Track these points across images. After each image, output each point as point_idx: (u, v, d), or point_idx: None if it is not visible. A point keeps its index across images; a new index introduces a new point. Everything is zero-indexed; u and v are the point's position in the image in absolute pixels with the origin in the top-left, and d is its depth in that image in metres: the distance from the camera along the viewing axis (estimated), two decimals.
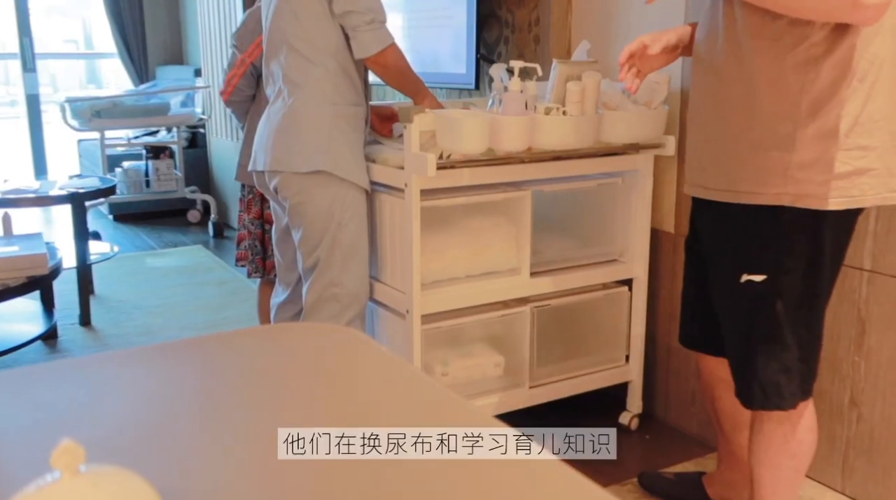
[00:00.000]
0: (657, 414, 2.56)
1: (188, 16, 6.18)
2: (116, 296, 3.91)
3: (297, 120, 2.06)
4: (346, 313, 2.13)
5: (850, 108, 1.43)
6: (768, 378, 1.59)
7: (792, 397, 1.60)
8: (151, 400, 0.80)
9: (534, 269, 2.24)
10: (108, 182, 3.92)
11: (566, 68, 2.04)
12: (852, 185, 1.46)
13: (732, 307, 1.63)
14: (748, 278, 1.56)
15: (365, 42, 2.00)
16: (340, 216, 2.08)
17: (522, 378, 2.28)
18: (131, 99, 5.39)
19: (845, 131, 1.43)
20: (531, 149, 2.04)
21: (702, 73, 1.60)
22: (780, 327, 1.56)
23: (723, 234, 1.62)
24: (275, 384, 0.84)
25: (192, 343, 0.97)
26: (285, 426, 0.72)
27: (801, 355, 1.59)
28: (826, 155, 1.45)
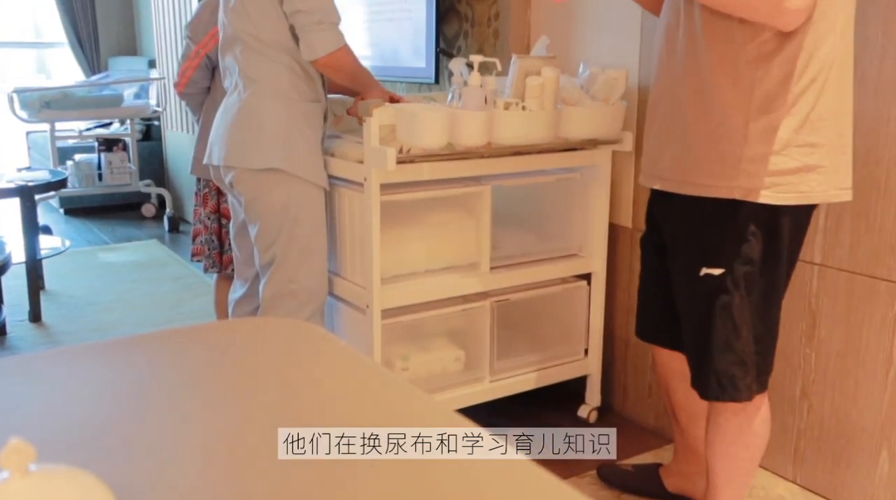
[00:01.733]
0: (615, 407, 2.59)
1: (142, 5, 6.06)
2: (68, 292, 3.83)
3: (253, 115, 2.04)
4: (303, 310, 2.11)
5: (801, 105, 1.47)
6: (724, 370, 1.62)
7: (747, 390, 1.63)
8: (105, 398, 0.78)
9: (493, 263, 2.25)
10: (58, 175, 3.84)
11: (525, 63, 2.05)
12: (801, 181, 1.49)
13: (691, 300, 1.66)
14: (707, 271, 1.59)
15: (311, 43, 1.96)
16: (296, 213, 2.06)
17: (483, 372, 2.29)
18: (83, 90, 5.27)
19: (795, 128, 1.47)
20: (490, 144, 2.05)
21: (662, 65, 1.63)
22: (737, 320, 1.59)
23: (682, 227, 1.64)
24: (232, 380, 0.83)
25: (146, 339, 0.96)
26: (244, 422, 0.71)
27: (757, 348, 1.63)
28: (776, 150, 1.48)
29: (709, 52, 1.51)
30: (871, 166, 1.85)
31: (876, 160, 1.84)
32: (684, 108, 1.57)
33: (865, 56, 1.82)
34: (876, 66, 1.82)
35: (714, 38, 1.50)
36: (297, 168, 2.03)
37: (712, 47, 1.50)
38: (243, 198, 2.11)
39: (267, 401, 0.78)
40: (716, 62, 1.50)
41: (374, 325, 2.07)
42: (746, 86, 1.48)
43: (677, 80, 1.58)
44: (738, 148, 1.50)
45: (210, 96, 2.57)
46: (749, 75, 1.47)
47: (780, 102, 1.47)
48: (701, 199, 1.57)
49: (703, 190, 1.56)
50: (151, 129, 5.80)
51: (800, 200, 1.51)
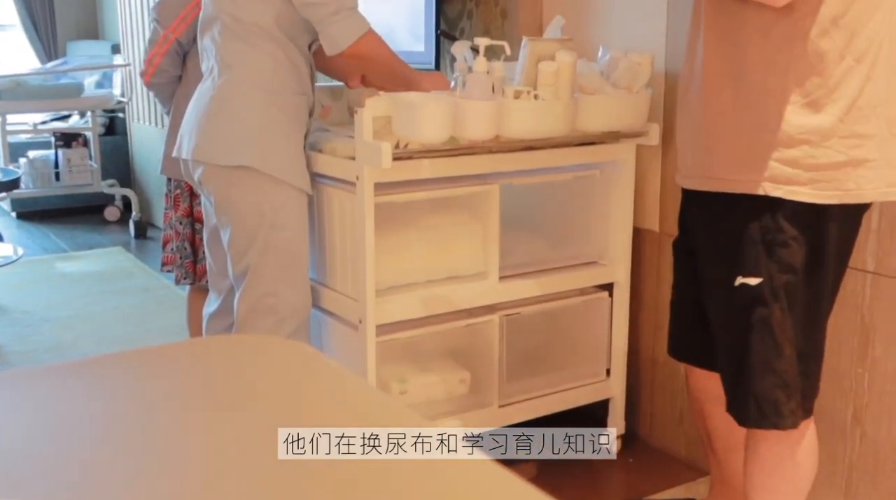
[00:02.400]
0: (641, 435, 2.58)
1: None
2: (21, 306, 3.84)
3: (226, 105, 2.04)
4: (284, 327, 2.11)
5: (845, 90, 1.46)
6: (765, 394, 1.62)
7: (791, 416, 1.63)
8: (63, 426, 0.78)
9: (503, 273, 2.25)
10: (10, 174, 3.85)
11: (538, 47, 2.06)
12: (847, 177, 1.49)
13: (725, 313, 1.66)
14: (743, 281, 1.58)
15: (332, 36, 1.96)
16: (273, 218, 2.06)
17: (490, 396, 2.29)
18: (37, 78, 5.30)
19: (840, 116, 1.47)
20: (499, 137, 2.05)
21: (689, 47, 1.64)
22: (778, 336, 1.59)
23: (715, 232, 1.65)
24: (205, 407, 0.83)
25: (108, 360, 0.96)
26: (219, 455, 0.72)
27: (801, 368, 1.62)
28: (816, 142, 1.48)
29: (738, 33, 1.52)
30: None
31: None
32: (712, 94, 1.58)
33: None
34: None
35: (743, 17, 1.51)
36: (272, 167, 2.03)
37: (741, 28, 1.51)
38: (213, 197, 2.11)
39: (246, 429, 0.78)
40: (747, 44, 1.51)
41: (367, 342, 2.07)
42: (780, 68, 1.48)
43: (704, 63, 1.59)
44: (772, 137, 1.50)
45: (182, 86, 2.57)
46: (784, 56, 1.47)
47: (819, 86, 1.47)
48: (733, 198, 1.57)
49: (731, 186, 1.56)
50: (115, 122, 5.82)
51: (846, 198, 1.51)
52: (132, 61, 5.30)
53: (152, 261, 4.49)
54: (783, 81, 1.48)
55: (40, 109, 5.22)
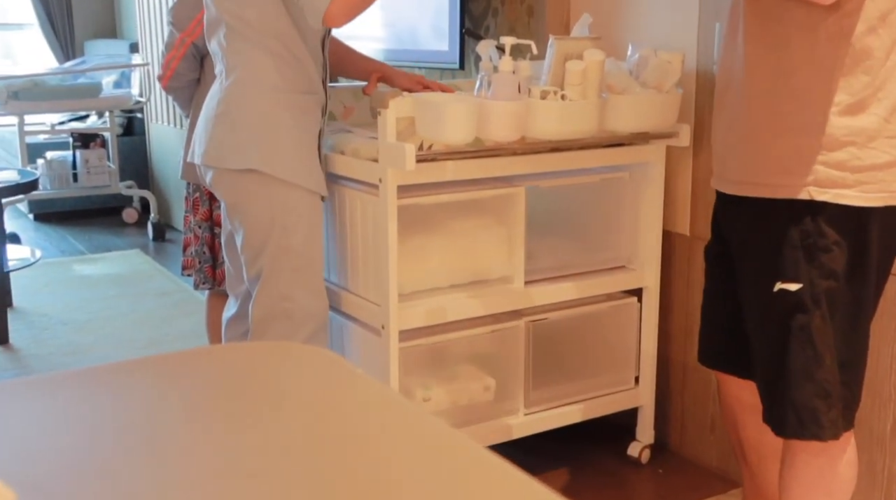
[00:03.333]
0: (671, 445, 2.57)
1: None
2: (39, 309, 3.88)
3: (231, 108, 2.05)
4: (300, 332, 2.12)
5: (891, 87, 1.46)
6: (804, 403, 1.60)
7: (832, 426, 1.61)
8: (87, 434, 0.79)
9: (528, 277, 2.25)
10: (28, 175, 3.89)
11: (565, 46, 2.05)
12: (895, 177, 1.48)
13: (763, 320, 1.64)
14: (782, 286, 1.57)
15: (311, 8, 1.91)
16: (284, 220, 2.06)
17: (516, 404, 2.28)
18: (55, 78, 5.35)
19: (886, 115, 1.46)
20: (525, 138, 2.05)
21: (726, 46, 1.63)
22: (819, 344, 1.58)
23: (753, 235, 1.64)
24: (225, 415, 0.84)
25: (126, 367, 0.97)
26: (239, 464, 0.72)
27: (843, 377, 1.61)
28: (862, 143, 1.48)
29: (780, 33, 1.51)
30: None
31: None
32: (753, 96, 1.57)
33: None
34: None
35: (787, 16, 1.50)
36: (280, 170, 2.04)
37: (789, 27, 1.50)
38: (223, 201, 2.13)
39: (268, 438, 0.78)
40: (789, 42, 1.50)
41: (390, 348, 2.08)
42: (826, 68, 1.47)
43: (744, 64, 1.58)
44: (817, 140, 1.49)
45: (200, 89, 2.59)
46: (830, 55, 1.46)
47: (866, 86, 1.46)
48: (772, 202, 1.57)
49: (773, 191, 1.55)
50: (133, 122, 5.87)
51: (892, 200, 1.50)
52: (150, 61, 5.35)
53: (170, 264, 4.52)
54: (828, 82, 1.47)
55: (58, 109, 5.28)
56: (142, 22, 5.45)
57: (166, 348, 3.42)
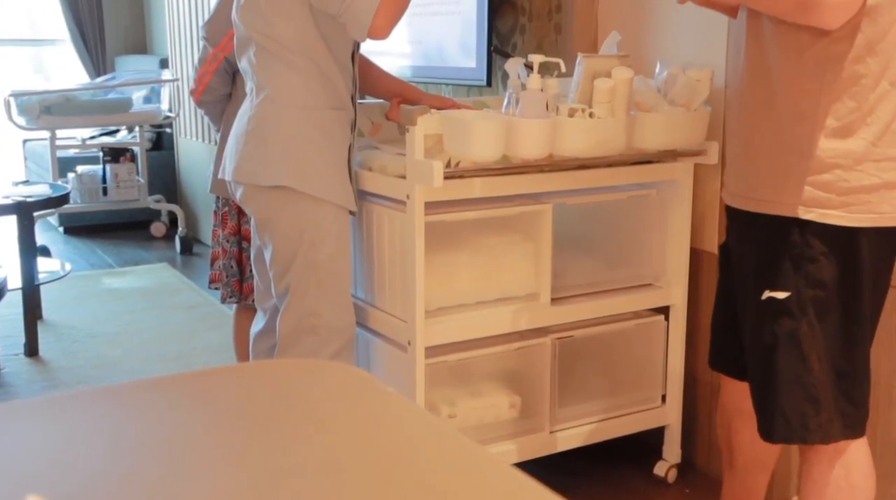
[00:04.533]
0: (698, 464, 2.56)
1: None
2: (68, 322, 3.92)
3: (262, 125, 2.08)
4: (326, 348, 2.13)
5: (880, 114, 1.50)
6: (792, 407, 1.65)
7: (820, 430, 1.65)
8: (115, 452, 0.80)
9: (555, 294, 2.25)
10: (59, 190, 3.94)
11: (593, 64, 2.06)
12: (882, 200, 1.53)
13: (754, 327, 1.71)
14: (770, 294, 1.63)
15: (355, 19, 1.93)
16: (313, 236, 2.08)
17: (542, 422, 2.28)
18: (87, 93, 5.43)
19: (873, 139, 1.50)
20: (552, 156, 2.06)
21: (730, 69, 1.72)
22: (806, 350, 1.62)
23: (746, 246, 1.71)
24: (254, 433, 0.85)
25: (154, 384, 0.98)
26: (271, 480, 0.73)
27: (842, 386, 1.64)
28: (848, 166, 1.52)
29: (775, 55, 1.56)
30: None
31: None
32: (749, 116, 1.64)
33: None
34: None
35: (780, 39, 1.55)
36: (310, 186, 2.06)
37: (778, 49, 1.56)
38: (254, 217, 2.15)
39: (296, 457, 0.79)
40: (782, 66, 1.56)
41: (416, 364, 2.08)
42: (814, 92, 1.52)
43: (743, 85, 1.65)
44: (805, 161, 1.54)
45: (231, 104, 2.62)
46: (817, 79, 1.52)
47: (853, 110, 1.50)
48: (766, 216, 1.62)
49: (764, 206, 1.62)
50: (163, 137, 5.94)
51: (880, 221, 1.54)
52: (180, 76, 5.41)
53: (198, 277, 4.56)
54: (815, 105, 1.52)
55: (89, 124, 5.35)
56: (172, 38, 5.52)
57: (194, 361, 3.44)
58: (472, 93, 3.14)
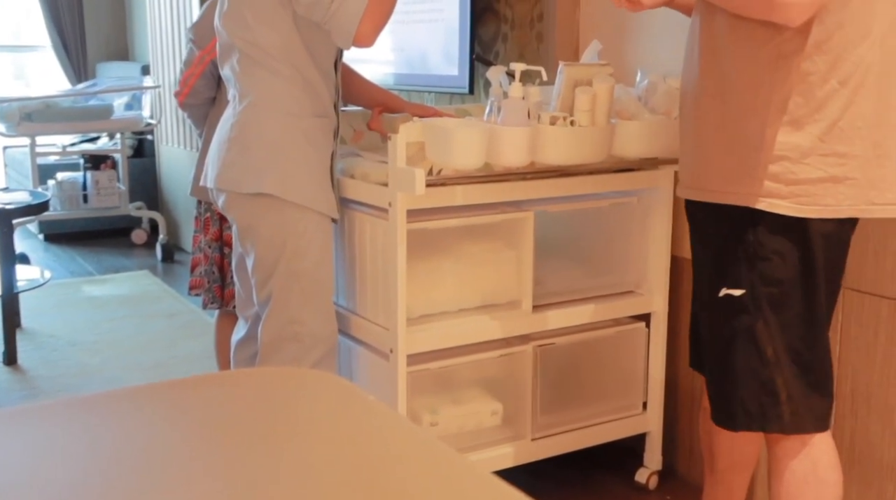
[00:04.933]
0: (679, 470, 2.56)
1: (135, 4, 6.21)
2: (47, 330, 3.89)
3: (244, 132, 2.07)
4: (309, 356, 2.12)
5: (828, 111, 1.55)
6: (751, 399, 1.70)
7: (778, 420, 1.69)
8: (94, 462, 0.80)
9: (536, 302, 2.25)
10: (39, 197, 3.92)
11: (574, 72, 2.07)
12: (826, 193, 1.58)
13: (712, 323, 1.76)
14: (727, 291, 1.68)
15: (340, 27, 1.94)
16: (295, 244, 2.08)
17: (524, 429, 2.28)
18: (67, 100, 5.39)
19: (820, 135, 1.56)
20: (534, 164, 2.06)
21: (686, 69, 1.75)
22: (762, 345, 1.67)
23: (702, 243, 1.77)
24: (234, 442, 0.85)
25: (135, 393, 0.98)
26: (254, 494, 0.73)
27: (807, 379, 1.68)
28: (796, 159, 1.58)
29: (728, 52, 1.62)
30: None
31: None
32: (703, 110, 1.69)
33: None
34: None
35: (734, 37, 1.60)
36: (293, 193, 2.06)
37: (732, 47, 1.61)
38: (236, 224, 2.15)
39: (277, 465, 0.79)
40: (735, 62, 1.61)
41: (398, 372, 2.08)
42: (765, 88, 1.58)
43: (697, 81, 1.70)
44: (755, 153, 1.60)
45: (215, 108, 2.61)
46: (768, 76, 1.57)
47: (801, 107, 1.56)
48: (718, 210, 1.67)
49: (717, 196, 1.67)
50: (144, 144, 5.91)
51: (824, 213, 1.59)
52: (162, 83, 5.39)
53: (179, 285, 4.54)
54: (767, 100, 1.58)
55: (70, 130, 5.31)
56: (153, 45, 5.50)
57: (174, 369, 3.42)
58: (455, 101, 3.15)
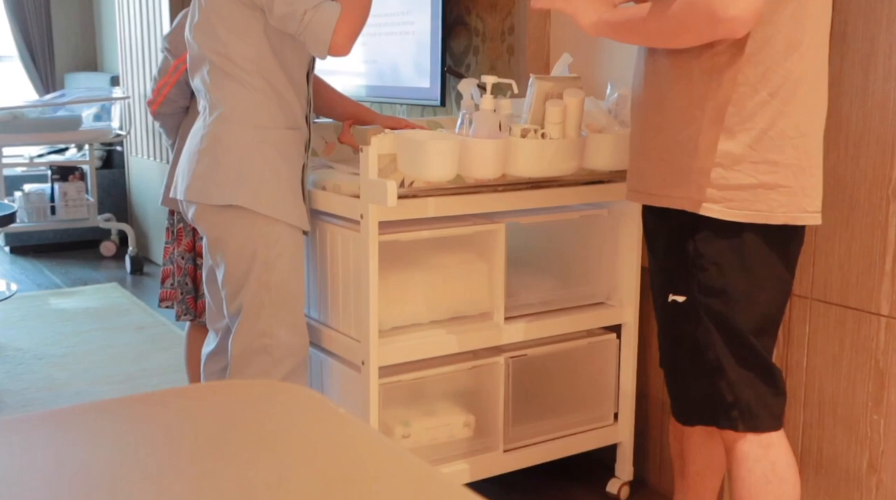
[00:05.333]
0: (650, 481, 2.58)
1: (104, 14, 6.17)
2: (13, 344, 3.84)
3: (215, 144, 2.06)
4: (279, 368, 2.12)
5: (758, 120, 1.62)
6: (702, 398, 1.77)
7: (727, 420, 1.74)
8: (60, 478, 0.79)
9: (508, 313, 2.26)
10: (6, 208, 3.87)
11: (545, 85, 2.09)
12: (757, 198, 1.64)
13: (662, 327, 1.83)
14: (673, 298, 1.75)
15: (314, 38, 1.95)
16: (266, 255, 2.07)
17: (496, 440, 2.28)
18: (35, 110, 5.34)
19: (749, 143, 1.63)
20: (506, 176, 2.07)
21: (634, 81, 1.83)
22: (705, 349, 1.73)
23: (653, 249, 1.85)
24: (204, 456, 0.84)
25: (103, 406, 0.97)
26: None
27: (750, 382, 1.73)
28: (727, 165, 1.64)
29: (665, 65, 1.70)
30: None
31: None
32: (645, 119, 1.76)
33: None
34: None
35: (671, 50, 1.68)
36: (264, 206, 2.05)
37: (669, 60, 1.69)
38: (206, 236, 2.14)
39: (248, 478, 0.79)
40: (672, 73, 1.69)
41: (370, 384, 2.08)
42: (699, 97, 1.66)
43: (641, 91, 1.77)
44: (689, 160, 1.67)
45: (188, 118, 2.60)
46: (702, 87, 1.65)
47: (733, 116, 1.63)
48: (665, 217, 1.74)
49: (655, 200, 1.74)
50: (113, 155, 5.87)
51: (757, 218, 1.65)
52: (131, 94, 5.35)
53: (149, 298, 4.50)
54: (701, 109, 1.65)
55: (37, 141, 5.26)
56: (123, 55, 5.47)
57: (144, 383, 3.39)
58: (427, 113, 3.15)
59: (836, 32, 2.01)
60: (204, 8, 2.07)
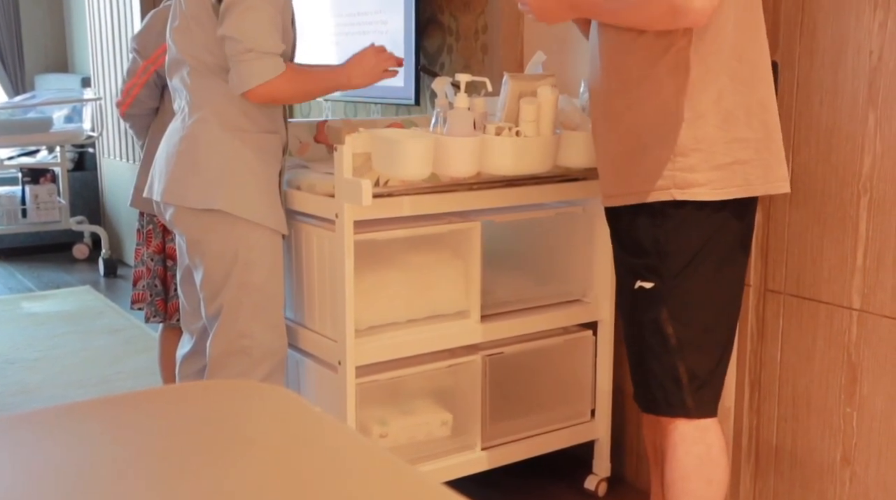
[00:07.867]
0: (627, 477, 2.59)
1: (74, 15, 6.11)
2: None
3: (195, 146, 2.05)
4: (258, 369, 2.11)
5: (724, 103, 1.70)
6: (658, 385, 1.82)
7: (681, 406, 1.80)
8: (33, 481, 0.78)
9: (485, 311, 2.26)
10: None
11: (519, 83, 2.09)
12: (734, 174, 1.71)
13: (627, 314, 1.87)
14: (640, 284, 1.80)
15: (238, 74, 1.97)
16: (246, 257, 2.07)
17: (473, 439, 2.28)
18: (5, 112, 5.29)
19: (719, 124, 1.70)
20: (480, 174, 2.07)
21: (592, 84, 1.86)
22: (668, 335, 1.78)
23: (620, 241, 1.85)
24: (181, 458, 0.83)
25: (79, 408, 0.96)
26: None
27: (706, 367, 1.79)
28: (707, 148, 1.70)
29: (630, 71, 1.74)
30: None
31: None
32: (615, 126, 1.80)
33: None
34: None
35: (633, 57, 1.73)
36: (243, 209, 2.05)
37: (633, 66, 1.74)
38: (184, 238, 2.12)
39: (225, 479, 0.78)
40: (641, 71, 1.73)
41: (347, 384, 2.07)
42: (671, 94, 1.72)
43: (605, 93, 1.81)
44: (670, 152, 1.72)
45: (158, 119, 2.58)
46: (672, 83, 1.71)
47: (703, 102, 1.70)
48: (634, 212, 1.78)
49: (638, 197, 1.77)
50: (85, 157, 5.81)
51: (739, 193, 1.72)
52: (103, 95, 5.31)
53: (122, 300, 4.46)
54: (674, 102, 1.70)
55: (7, 143, 5.21)
56: (94, 56, 5.41)
57: (118, 386, 3.36)
58: (401, 112, 3.15)
59: (805, 30, 2.03)
60: (184, 12, 2.06)
